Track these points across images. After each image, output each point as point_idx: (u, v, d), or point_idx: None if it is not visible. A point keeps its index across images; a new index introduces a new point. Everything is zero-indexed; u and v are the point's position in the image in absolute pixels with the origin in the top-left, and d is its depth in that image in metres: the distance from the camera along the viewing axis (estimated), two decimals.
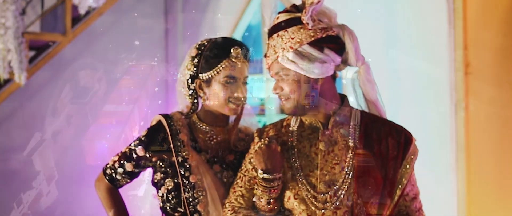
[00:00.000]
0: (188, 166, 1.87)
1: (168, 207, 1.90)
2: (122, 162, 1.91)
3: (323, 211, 1.67)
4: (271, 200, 1.71)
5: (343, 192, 1.67)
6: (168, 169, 1.90)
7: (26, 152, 4.28)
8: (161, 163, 1.91)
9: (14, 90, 3.83)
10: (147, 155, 1.90)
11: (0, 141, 4.17)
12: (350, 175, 1.68)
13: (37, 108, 4.31)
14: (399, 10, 3.34)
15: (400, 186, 1.70)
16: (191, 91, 1.92)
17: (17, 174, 4.27)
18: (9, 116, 4.19)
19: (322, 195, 1.68)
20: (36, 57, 3.84)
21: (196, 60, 1.89)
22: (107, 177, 1.94)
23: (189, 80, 1.91)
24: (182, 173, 1.87)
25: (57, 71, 4.36)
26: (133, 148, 1.91)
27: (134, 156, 1.90)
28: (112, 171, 1.93)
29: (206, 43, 1.91)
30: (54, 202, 4.40)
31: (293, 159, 1.73)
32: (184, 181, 1.86)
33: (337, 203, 1.67)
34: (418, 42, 3.27)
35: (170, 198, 1.88)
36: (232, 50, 1.86)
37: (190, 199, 1.86)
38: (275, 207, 1.73)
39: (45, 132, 4.36)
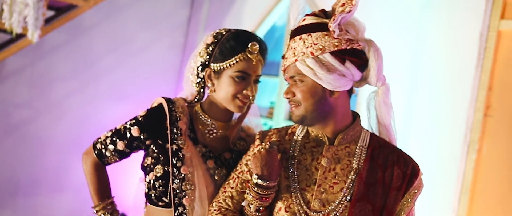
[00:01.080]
0: (181, 156, 1.78)
1: (153, 195, 1.81)
2: (114, 139, 1.83)
3: None
4: (261, 208, 1.63)
5: (337, 214, 1.59)
6: (160, 156, 1.81)
7: (29, 110, 4.25)
8: (154, 148, 1.82)
9: (26, 47, 3.78)
10: (142, 137, 1.81)
11: (3, 95, 4.13)
12: (348, 197, 1.60)
13: (47, 69, 4.27)
14: (429, 39, 3.24)
15: None
16: (199, 79, 1.84)
17: (17, 130, 4.24)
18: (17, 72, 4.17)
19: (314, 213, 1.59)
20: (53, 18, 3.78)
21: (210, 48, 1.80)
22: (96, 152, 1.86)
23: (199, 68, 1.83)
24: (174, 162, 1.78)
25: (72, 36, 4.33)
26: (128, 126, 1.83)
27: (128, 135, 1.82)
28: (103, 146, 1.85)
29: (224, 33, 1.82)
30: (49, 165, 4.38)
31: (292, 170, 1.65)
32: (175, 171, 1.78)
33: None
34: (443, 75, 3.17)
35: (156, 186, 1.80)
36: (249, 45, 1.78)
37: (177, 191, 1.77)
38: None
39: (51, 94, 4.33)
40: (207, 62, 1.81)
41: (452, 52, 3.14)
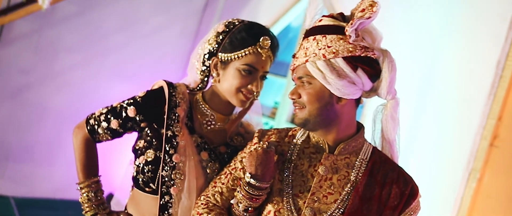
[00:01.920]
0: (175, 143, 1.73)
1: (140, 179, 1.76)
2: (109, 116, 1.77)
3: None
4: (250, 209, 1.58)
5: None
6: (154, 140, 1.75)
7: (31, 77, 4.21)
8: (148, 131, 1.77)
9: (35, 12, 3.74)
10: (137, 118, 1.76)
11: (8, 58, 4.09)
12: (341, 210, 1.54)
13: (54, 38, 4.24)
14: (445, 61, 3.18)
15: None
16: (205, 67, 1.77)
17: (17, 95, 4.20)
18: (24, 37, 4.13)
19: None
20: None
21: (221, 37, 1.74)
22: (88, 127, 1.80)
23: (206, 56, 1.77)
24: (167, 149, 1.72)
25: (84, 9, 4.29)
26: (125, 106, 1.77)
27: (123, 114, 1.76)
28: (96, 122, 1.79)
29: (237, 23, 1.76)
30: (44, 135, 4.35)
31: (287, 173, 1.59)
32: (166, 158, 1.72)
33: None
34: (453, 98, 3.10)
35: (145, 170, 1.74)
36: (261, 39, 1.71)
37: (166, 179, 1.72)
38: None
39: (55, 64, 4.29)
40: (215, 51, 1.75)
41: (466, 77, 3.07)
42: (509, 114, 2.88)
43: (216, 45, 1.75)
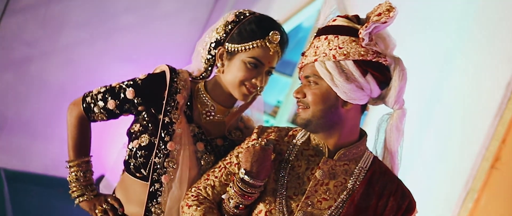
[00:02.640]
0: (171, 130, 1.68)
1: (132, 164, 1.72)
2: (106, 96, 1.73)
3: None
4: (241, 206, 1.54)
5: None
6: (150, 125, 1.71)
7: (33, 50, 4.18)
8: (145, 115, 1.72)
9: None
10: (135, 101, 1.71)
11: (12, 29, 4.05)
12: None
13: (62, 13, 4.20)
14: (454, 77, 3.13)
15: None
16: (210, 56, 1.73)
17: (18, 66, 4.17)
18: (31, 8, 4.09)
19: None
20: None
21: (229, 27, 1.69)
22: (84, 105, 1.76)
23: (213, 44, 1.72)
24: (162, 135, 1.68)
25: None
26: (124, 86, 1.72)
27: (122, 95, 1.71)
28: (92, 101, 1.75)
29: (247, 14, 1.72)
30: (42, 110, 4.32)
31: (283, 174, 1.55)
32: (161, 144, 1.67)
33: None
34: (458, 116, 3.06)
35: (138, 155, 1.70)
36: (271, 33, 1.67)
37: (158, 166, 1.67)
38: (241, 215, 1.56)
39: (59, 39, 4.25)
40: (222, 40, 1.70)
41: (473, 96, 3.03)
42: None
43: (224, 35, 1.70)
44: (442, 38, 3.25)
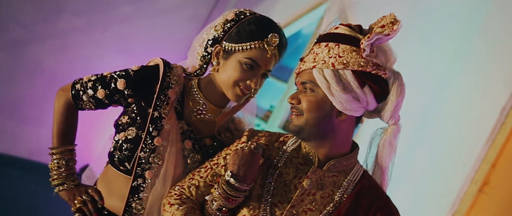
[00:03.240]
0: (160, 125, 1.64)
1: (116, 156, 1.68)
2: (96, 84, 1.68)
3: None
4: (224, 209, 1.51)
5: None
6: (138, 118, 1.67)
7: (29, 32, 4.13)
8: (134, 108, 1.68)
9: None
10: (125, 92, 1.67)
11: (8, 9, 4.01)
12: None
13: None
14: (448, 97, 3.11)
15: None
16: (206, 53, 1.69)
17: (12, 48, 4.11)
18: None
19: None
20: None
21: (228, 25, 1.66)
22: (73, 92, 1.71)
23: (210, 42, 1.68)
24: (150, 130, 1.64)
25: None
26: (115, 76, 1.69)
27: (112, 85, 1.67)
28: (82, 88, 1.70)
29: (247, 14, 1.68)
30: (33, 95, 4.27)
31: (270, 180, 1.52)
32: (148, 139, 1.64)
33: None
34: (449, 136, 3.04)
35: (123, 148, 1.66)
36: (270, 35, 1.63)
37: (143, 161, 1.64)
38: None
39: (56, 24, 4.21)
40: (220, 38, 1.67)
41: (467, 117, 3.01)
42: (504, 162, 2.82)
43: (222, 33, 1.66)
44: (440, 58, 3.24)
